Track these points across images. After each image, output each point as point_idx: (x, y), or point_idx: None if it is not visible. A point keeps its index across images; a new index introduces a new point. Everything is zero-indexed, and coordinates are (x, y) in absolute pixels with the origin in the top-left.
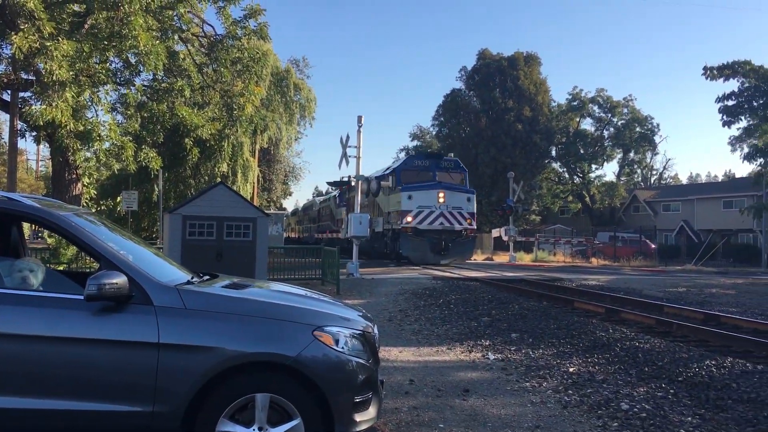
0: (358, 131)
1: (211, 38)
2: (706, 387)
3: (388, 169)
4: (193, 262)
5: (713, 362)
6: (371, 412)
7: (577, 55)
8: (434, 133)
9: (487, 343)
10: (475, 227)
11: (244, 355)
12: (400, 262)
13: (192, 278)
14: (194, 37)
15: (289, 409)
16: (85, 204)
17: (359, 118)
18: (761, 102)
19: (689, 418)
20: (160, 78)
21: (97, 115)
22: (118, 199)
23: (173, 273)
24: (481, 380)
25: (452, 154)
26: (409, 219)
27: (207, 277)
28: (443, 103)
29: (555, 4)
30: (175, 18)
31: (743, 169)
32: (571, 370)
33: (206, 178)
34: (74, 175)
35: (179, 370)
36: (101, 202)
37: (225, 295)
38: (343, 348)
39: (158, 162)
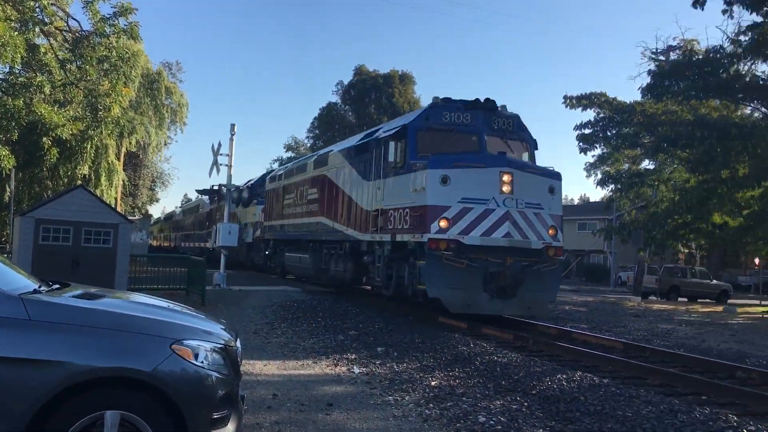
0: (231, 139)
1: (77, 34)
2: (557, 400)
3: (386, 130)
4: (46, 269)
5: (564, 376)
6: (230, 428)
7: (451, 77)
8: (309, 144)
9: (353, 357)
10: (563, 245)
11: (93, 370)
12: (390, 299)
13: (40, 287)
14: (58, 31)
15: (141, 427)
16: None
17: (232, 126)
18: (614, 132)
19: (541, 430)
20: (17, 72)
21: None
22: None
23: (18, 281)
24: (346, 394)
25: (506, 106)
26: (442, 224)
27: (57, 286)
28: (319, 115)
29: (432, 28)
30: (37, 9)
31: (597, 194)
32: (433, 383)
33: (65, 180)
34: None
35: (20, 387)
36: None
37: (75, 306)
38: (202, 362)
39: (11, 161)
